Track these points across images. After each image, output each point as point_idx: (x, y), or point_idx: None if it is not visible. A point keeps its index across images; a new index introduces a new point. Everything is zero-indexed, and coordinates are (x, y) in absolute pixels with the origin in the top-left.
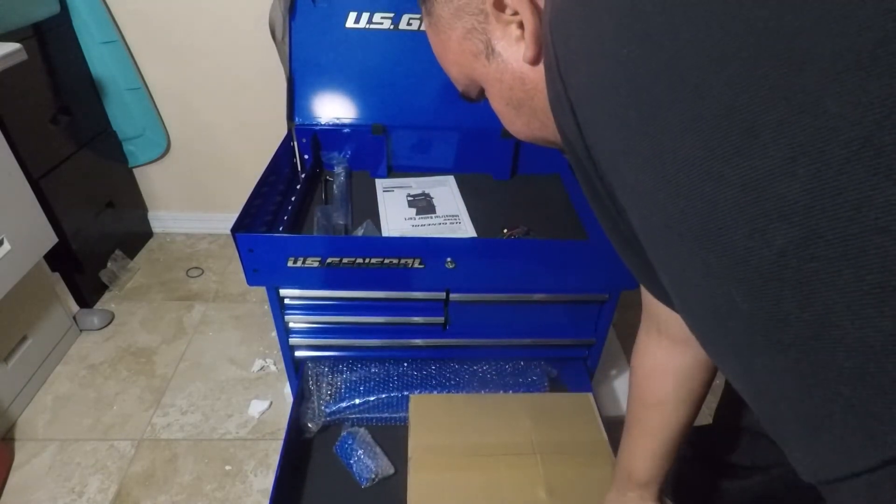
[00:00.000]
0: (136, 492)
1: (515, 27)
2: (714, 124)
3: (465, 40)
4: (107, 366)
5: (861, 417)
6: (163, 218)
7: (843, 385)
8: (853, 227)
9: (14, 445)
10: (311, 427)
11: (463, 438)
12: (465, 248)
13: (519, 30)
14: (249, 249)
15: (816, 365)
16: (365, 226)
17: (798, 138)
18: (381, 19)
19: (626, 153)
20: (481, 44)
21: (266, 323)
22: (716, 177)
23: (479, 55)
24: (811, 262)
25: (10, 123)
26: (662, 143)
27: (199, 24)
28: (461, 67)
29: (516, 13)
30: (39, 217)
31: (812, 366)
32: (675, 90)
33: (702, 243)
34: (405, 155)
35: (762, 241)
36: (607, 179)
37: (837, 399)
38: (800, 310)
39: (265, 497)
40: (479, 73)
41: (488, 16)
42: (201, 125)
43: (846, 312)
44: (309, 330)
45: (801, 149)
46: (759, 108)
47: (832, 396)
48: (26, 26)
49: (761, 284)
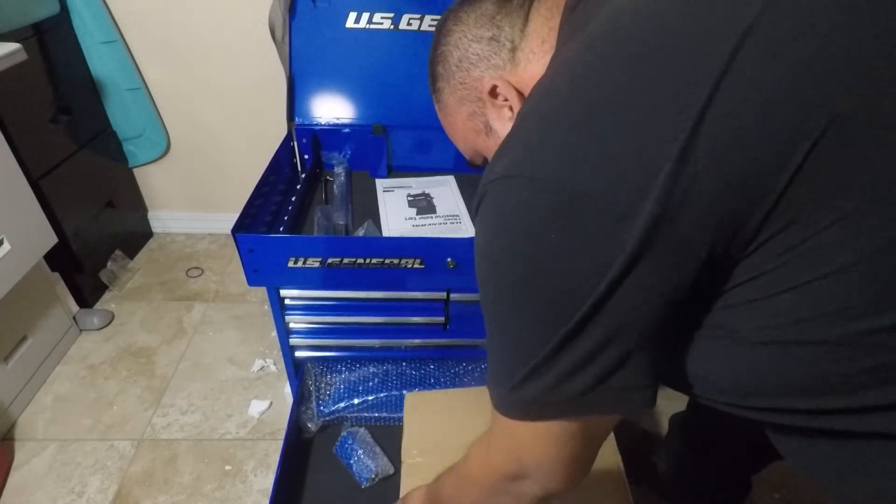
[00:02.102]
0: (136, 492)
1: (507, 110)
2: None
3: (468, 121)
4: (107, 366)
5: None
6: (163, 218)
7: None
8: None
9: (14, 445)
10: (310, 427)
11: (461, 439)
12: (466, 247)
13: (510, 112)
14: (250, 250)
15: None
16: (365, 226)
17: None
18: (381, 19)
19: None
20: (481, 124)
21: (266, 323)
22: None
23: (479, 132)
24: None
25: (10, 123)
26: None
27: (199, 24)
28: (467, 142)
29: (507, 100)
30: (39, 217)
31: None
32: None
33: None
34: (405, 155)
35: None
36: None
37: None
38: None
39: (265, 497)
40: (482, 146)
41: (485, 102)
42: (201, 125)
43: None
44: (309, 330)
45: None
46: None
47: None
48: (26, 26)
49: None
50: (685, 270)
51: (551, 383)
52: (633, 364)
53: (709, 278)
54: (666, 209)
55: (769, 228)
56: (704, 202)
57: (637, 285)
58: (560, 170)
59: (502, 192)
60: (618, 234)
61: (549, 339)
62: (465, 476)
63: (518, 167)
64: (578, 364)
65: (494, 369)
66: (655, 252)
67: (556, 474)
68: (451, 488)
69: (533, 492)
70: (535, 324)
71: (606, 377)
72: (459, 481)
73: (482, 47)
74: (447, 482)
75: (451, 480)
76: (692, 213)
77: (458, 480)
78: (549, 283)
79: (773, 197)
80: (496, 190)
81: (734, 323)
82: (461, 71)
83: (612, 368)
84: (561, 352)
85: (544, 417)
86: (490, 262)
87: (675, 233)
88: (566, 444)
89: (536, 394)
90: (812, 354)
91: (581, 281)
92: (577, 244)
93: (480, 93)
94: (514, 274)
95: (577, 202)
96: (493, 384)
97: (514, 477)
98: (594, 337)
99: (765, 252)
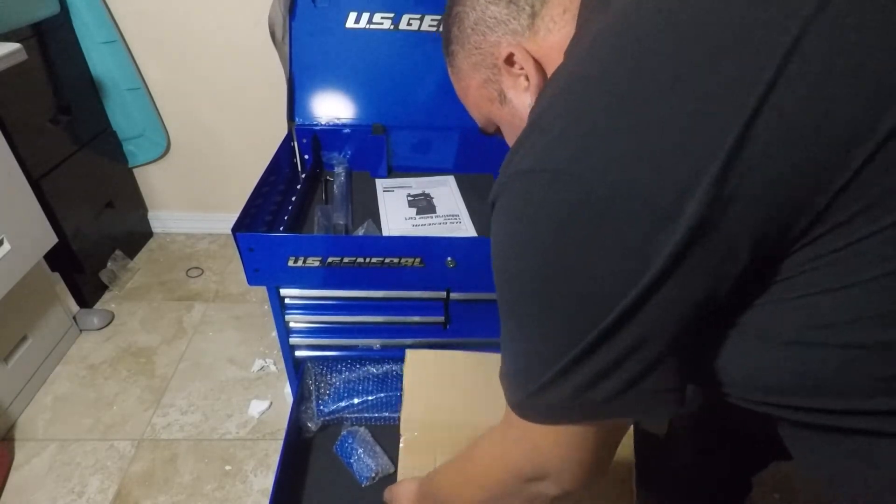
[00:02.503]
0: (136, 492)
1: (523, 79)
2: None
3: (482, 88)
4: (107, 366)
5: None
6: (163, 218)
7: None
8: None
9: (14, 445)
10: (310, 427)
11: (462, 411)
12: (466, 247)
13: (526, 81)
14: (250, 249)
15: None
16: (365, 225)
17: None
18: (381, 19)
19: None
20: (495, 92)
21: (266, 323)
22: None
23: (493, 101)
24: None
25: (10, 123)
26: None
27: (199, 24)
28: (479, 109)
29: (523, 69)
30: (39, 217)
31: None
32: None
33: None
34: (405, 155)
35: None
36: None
37: None
38: None
39: (265, 497)
40: (495, 115)
41: (501, 70)
42: (201, 125)
43: None
44: (309, 330)
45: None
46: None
47: None
48: (26, 26)
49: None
50: (726, 274)
51: (578, 387)
52: (664, 367)
53: (748, 279)
54: (712, 211)
55: (815, 231)
56: (752, 204)
57: (674, 290)
58: (591, 166)
59: (527, 187)
60: (656, 237)
61: (577, 342)
62: (471, 475)
63: (544, 160)
64: (608, 368)
65: (513, 371)
66: (696, 256)
67: (577, 475)
68: (451, 487)
69: (550, 492)
70: (562, 325)
71: (636, 381)
72: (463, 480)
73: (500, 10)
74: (445, 480)
75: (451, 478)
76: (738, 216)
77: (461, 479)
78: (579, 285)
79: (824, 201)
80: (519, 185)
81: (767, 322)
82: (477, 34)
83: (643, 372)
84: (590, 355)
85: (568, 421)
86: (512, 260)
87: (718, 237)
88: (587, 445)
89: (562, 398)
90: (848, 357)
91: (614, 283)
92: (611, 245)
93: (496, 59)
94: (540, 273)
95: (611, 202)
96: (512, 386)
97: (531, 478)
98: (625, 341)
99: (807, 252)
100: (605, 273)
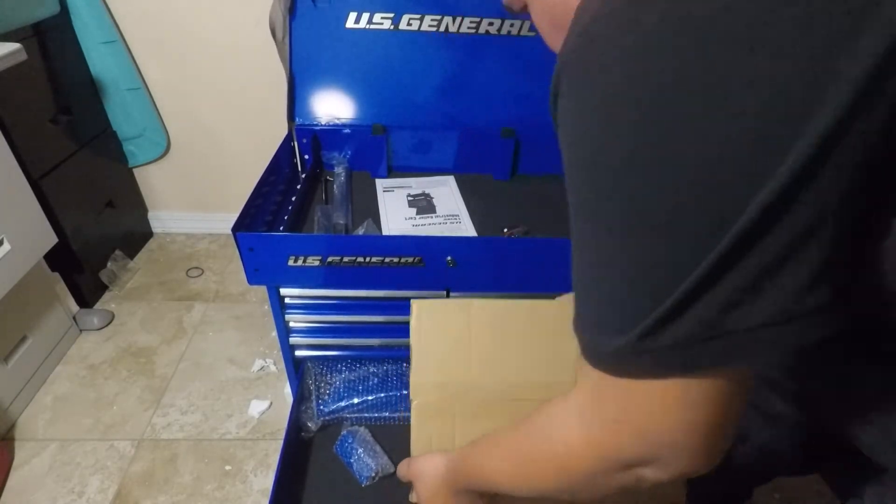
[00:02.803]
0: (136, 492)
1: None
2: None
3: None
4: (107, 366)
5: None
6: (163, 218)
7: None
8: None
9: (14, 445)
10: (310, 426)
11: (486, 371)
12: (466, 247)
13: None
14: (250, 248)
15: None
16: (365, 225)
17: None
18: (381, 19)
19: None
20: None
21: (266, 323)
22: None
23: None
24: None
25: (10, 123)
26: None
27: (199, 24)
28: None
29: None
30: (39, 217)
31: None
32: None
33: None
34: (405, 155)
35: None
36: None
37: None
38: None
39: (265, 497)
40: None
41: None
42: (201, 125)
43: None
44: (309, 329)
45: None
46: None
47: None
48: (26, 26)
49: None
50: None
51: (721, 307)
52: (829, 275)
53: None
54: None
55: None
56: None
57: (846, 153)
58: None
59: (599, 46)
60: (825, 74)
61: (705, 253)
62: (536, 459)
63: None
64: (753, 284)
65: (610, 309)
66: (880, 98)
67: (696, 453)
68: (502, 476)
69: (652, 478)
70: (678, 232)
71: (795, 299)
72: (517, 461)
73: None
74: (490, 464)
75: (498, 465)
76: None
77: (515, 460)
78: (699, 168)
79: None
80: (589, 46)
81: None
82: None
83: (806, 283)
84: (726, 270)
85: (693, 369)
86: (594, 148)
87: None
88: (714, 410)
89: (691, 330)
90: None
91: (754, 154)
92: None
93: None
94: (638, 160)
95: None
96: (608, 330)
97: (629, 463)
98: (777, 242)
99: None
100: (742, 135)
